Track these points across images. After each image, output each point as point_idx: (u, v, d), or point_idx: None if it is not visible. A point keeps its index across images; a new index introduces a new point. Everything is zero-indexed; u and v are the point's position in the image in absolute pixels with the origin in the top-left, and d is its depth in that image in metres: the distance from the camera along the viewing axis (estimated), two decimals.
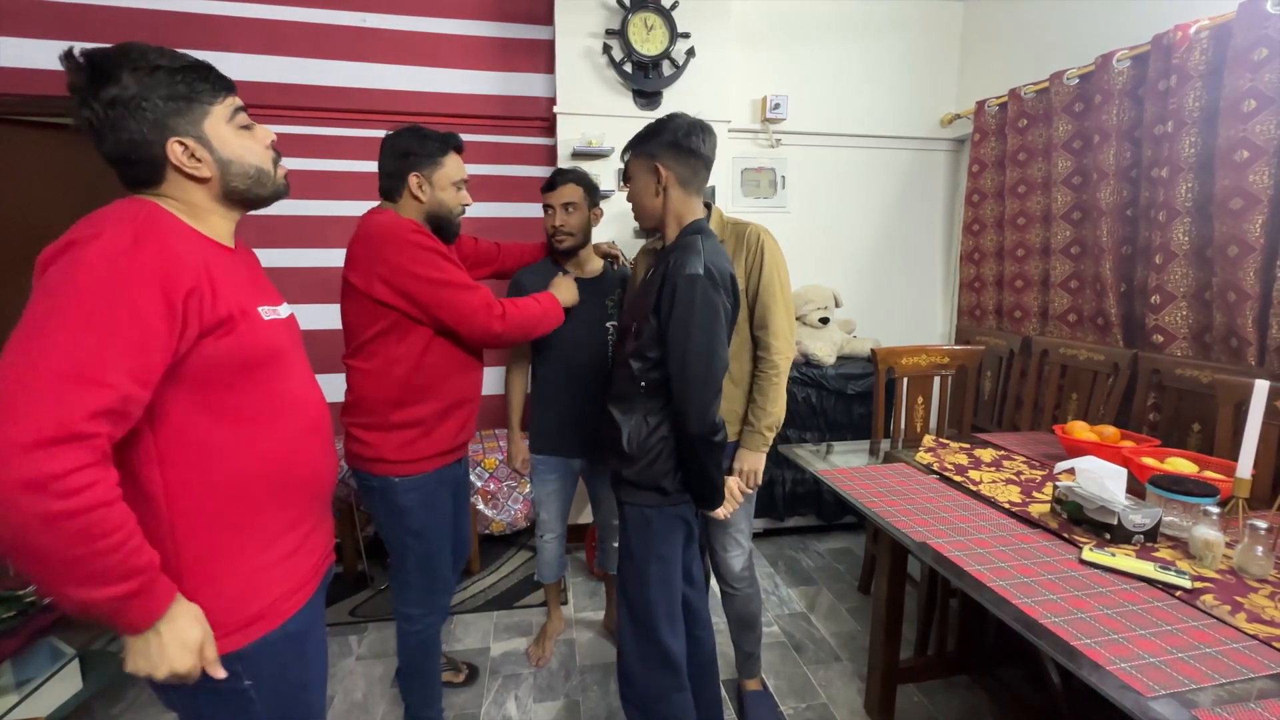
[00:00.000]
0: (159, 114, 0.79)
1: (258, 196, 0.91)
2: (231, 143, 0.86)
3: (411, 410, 1.46)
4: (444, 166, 1.49)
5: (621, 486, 1.39)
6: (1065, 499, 1.38)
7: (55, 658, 1.63)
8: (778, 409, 1.58)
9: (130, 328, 0.71)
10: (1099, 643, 0.97)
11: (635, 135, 1.41)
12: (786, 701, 1.88)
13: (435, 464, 1.52)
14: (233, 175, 0.87)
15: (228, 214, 0.91)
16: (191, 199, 0.85)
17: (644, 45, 2.56)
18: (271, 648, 0.87)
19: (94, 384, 0.67)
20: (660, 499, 1.35)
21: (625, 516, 1.41)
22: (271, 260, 2.72)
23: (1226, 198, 1.83)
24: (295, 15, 2.60)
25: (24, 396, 0.64)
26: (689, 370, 1.24)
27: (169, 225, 0.80)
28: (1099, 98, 2.24)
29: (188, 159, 0.82)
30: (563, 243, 1.77)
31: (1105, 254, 2.25)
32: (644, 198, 1.39)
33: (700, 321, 1.23)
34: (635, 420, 1.33)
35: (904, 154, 3.21)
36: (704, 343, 1.24)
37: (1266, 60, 1.73)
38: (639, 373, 1.32)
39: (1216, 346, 1.94)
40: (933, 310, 3.38)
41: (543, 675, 2.01)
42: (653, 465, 1.33)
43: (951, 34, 3.15)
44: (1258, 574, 1.15)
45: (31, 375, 0.65)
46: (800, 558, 2.79)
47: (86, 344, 0.68)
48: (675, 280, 1.24)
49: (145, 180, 0.83)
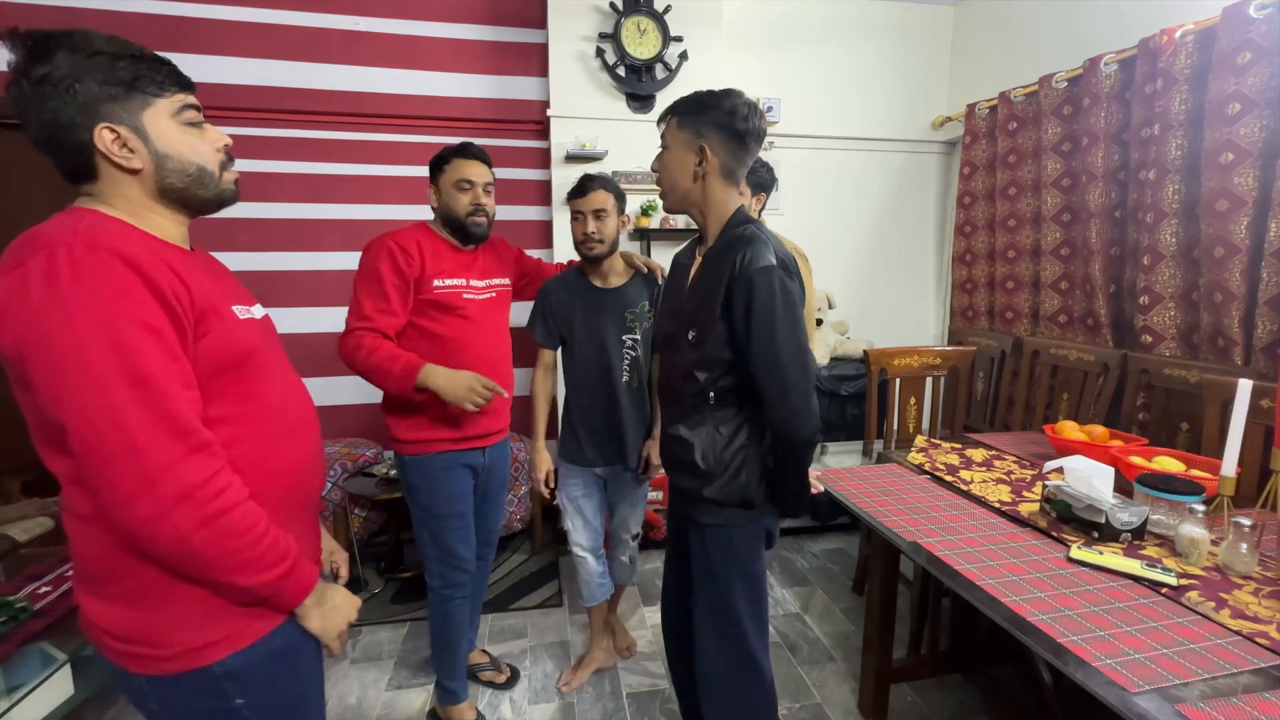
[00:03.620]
0: (90, 97, 0.74)
1: (198, 198, 0.84)
2: (171, 137, 0.80)
3: (418, 396, 1.56)
4: (446, 172, 1.60)
5: (699, 507, 1.26)
6: (1054, 498, 1.40)
7: (46, 663, 1.62)
8: None
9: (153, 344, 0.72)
10: (1086, 640, 0.98)
11: (682, 100, 1.23)
12: (781, 702, 1.88)
13: (441, 447, 1.63)
14: (168, 171, 0.80)
15: (172, 215, 0.84)
16: (128, 195, 0.80)
17: (637, 49, 2.57)
18: (259, 663, 0.84)
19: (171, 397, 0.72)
20: (745, 515, 1.24)
21: (704, 539, 1.27)
22: (265, 263, 2.72)
23: (1213, 199, 1.85)
24: (287, 19, 2.60)
25: (141, 431, 0.70)
26: (787, 370, 1.12)
27: (114, 231, 0.75)
28: (1087, 101, 2.26)
29: (118, 147, 0.77)
30: (593, 250, 1.72)
31: (1094, 255, 2.27)
32: (678, 174, 1.22)
33: (785, 315, 1.12)
34: (706, 433, 1.22)
35: (896, 156, 3.23)
36: (794, 336, 1.13)
37: (1250, 64, 1.75)
38: (707, 382, 1.20)
39: (1204, 346, 1.96)
40: (925, 312, 3.41)
41: (538, 677, 2.01)
42: (736, 478, 1.21)
43: (942, 37, 3.18)
44: (1242, 571, 1.16)
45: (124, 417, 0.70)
46: (794, 558, 2.80)
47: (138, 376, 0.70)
48: (749, 276, 1.12)
49: (77, 172, 0.78)
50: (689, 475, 1.25)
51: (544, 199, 2.91)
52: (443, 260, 1.61)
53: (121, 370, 0.70)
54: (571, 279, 1.82)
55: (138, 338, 0.71)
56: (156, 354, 0.72)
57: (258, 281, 2.67)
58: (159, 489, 0.70)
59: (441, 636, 1.73)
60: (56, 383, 0.69)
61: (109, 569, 0.78)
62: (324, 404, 2.78)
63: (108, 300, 0.70)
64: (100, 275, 0.70)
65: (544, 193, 2.90)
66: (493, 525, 1.88)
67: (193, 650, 0.79)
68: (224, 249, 2.63)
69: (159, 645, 0.79)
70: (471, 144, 1.64)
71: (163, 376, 0.72)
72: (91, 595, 0.80)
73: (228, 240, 2.64)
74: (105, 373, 0.69)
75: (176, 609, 0.79)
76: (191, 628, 0.79)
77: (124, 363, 0.70)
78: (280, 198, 2.69)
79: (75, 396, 0.69)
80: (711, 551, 1.26)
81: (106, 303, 0.70)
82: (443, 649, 1.74)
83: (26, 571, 1.79)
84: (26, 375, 0.70)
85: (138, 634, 0.79)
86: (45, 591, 1.70)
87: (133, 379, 0.70)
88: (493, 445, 1.75)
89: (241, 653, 0.82)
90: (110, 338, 0.70)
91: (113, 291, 0.71)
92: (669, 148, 1.23)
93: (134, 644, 0.79)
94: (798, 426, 1.14)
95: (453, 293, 1.61)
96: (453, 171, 1.59)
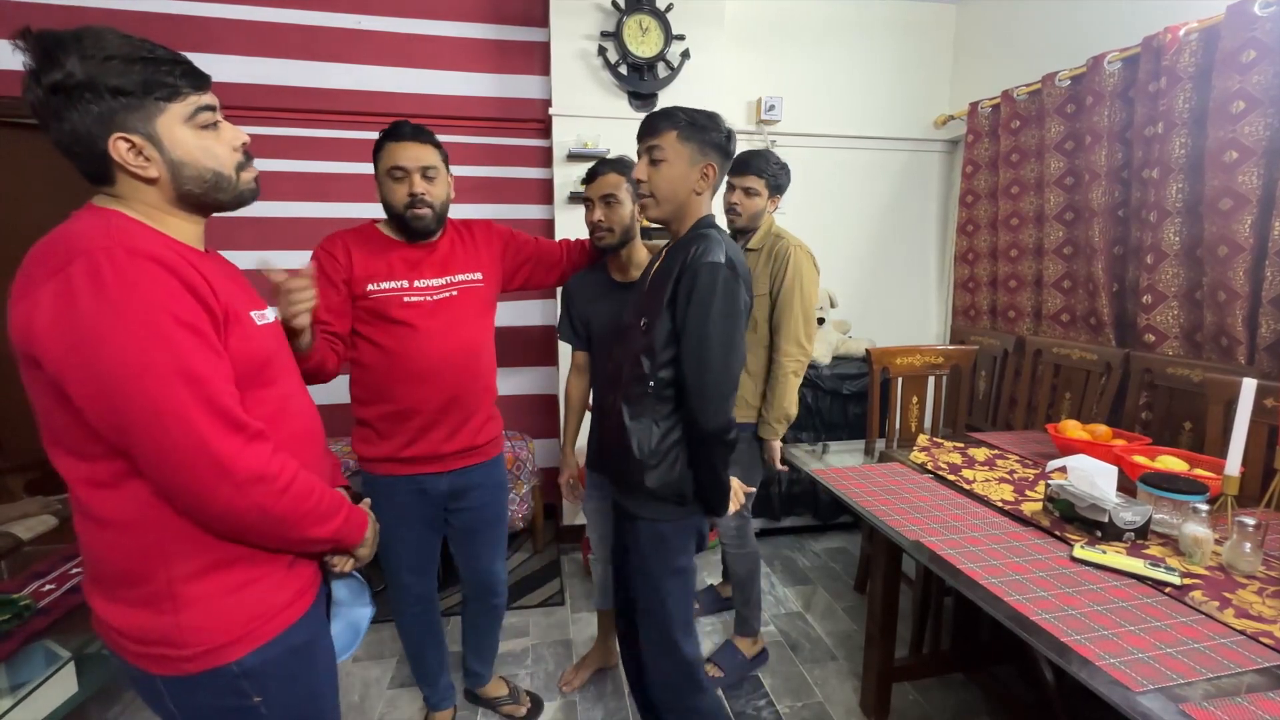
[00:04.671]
0: (104, 107, 0.73)
1: (216, 201, 0.84)
2: (187, 144, 0.79)
3: (363, 410, 1.50)
4: (380, 160, 1.42)
5: (633, 497, 1.28)
6: (1057, 497, 1.40)
7: (50, 661, 1.62)
8: (785, 403, 1.81)
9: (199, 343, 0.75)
10: (1089, 639, 0.98)
11: (681, 113, 1.23)
12: (783, 700, 1.89)
13: (383, 469, 1.48)
14: (185, 179, 0.80)
15: (189, 217, 0.84)
16: (146, 200, 0.79)
17: (639, 47, 2.57)
18: (276, 661, 0.85)
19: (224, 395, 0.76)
20: (677, 510, 1.27)
21: (636, 533, 1.30)
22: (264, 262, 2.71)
23: (1216, 198, 1.85)
24: (289, 17, 2.60)
25: (208, 428, 0.74)
26: (706, 359, 1.15)
27: (142, 234, 0.76)
28: (1090, 99, 2.26)
29: (133, 157, 0.76)
30: (602, 239, 1.61)
31: (1097, 254, 2.27)
32: (678, 187, 1.23)
33: (721, 310, 1.15)
34: (645, 424, 1.24)
35: (898, 155, 3.23)
36: (724, 332, 1.16)
37: (1254, 62, 1.75)
38: (649, 371, 1.22)
39: (1207, 345, 1.95)
40: (927, 310, 3.40)
41: (539, 676, 2.02)
42: (671, 471, 1.24)
43: (944, 35, 3.17)
44: (1246, 570, 1.16)
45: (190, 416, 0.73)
46: (796, 557, 2.80)
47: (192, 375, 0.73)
48: (695, 268, 1.16)
49: (95, 175, 0.78)
50: (623, 464, 1.27)
51: (546, 198, 2.91)
52: (376, 261, 1.42)
53: (180, 372, 0.72)
54: (593, 273, 1.72)
55: (187, 338, 0.73)
56: (204, 353, 0.75)
57: (257, 281, 2.67)
58: (235, 475, 0.75)
59: (404, 649, 1.73)
60: (116, 389, 0.70)
61: (129, 573, 0.79)
62: (325, 403, 2.78)
63: (156, 303, 0.72)
64: (144, 279, 0.71)
65: (546, 191, 2.90)
66: (488, 567, 1.68)
67: (213, 650, 0.80)
68: (224, 248, 2.63)
69: (180, 646, 0.79)
70: (404, 122, 1.40)
71: (213, 374, 0.75)
72: (109, 600, 0.81)
73: (229, 239, 2.63)
74: (166, 374, 0.71)
75: (198, 610, 0.80)
76: (212, 628, 0.80)
77: (180, 364, 0.72)
78: (281, 196, 2.68)
79: (139, 400, 0.70)
80: (645, 548, 1.29)
81: (155, 306, 0.71)
82: (408, 656, 1.73)
83: (30, 569, 1.79)
84: (74, 382, 0.70)
85: (157, 636, 0.79)
86: (49, 589, 1.70)
87: (189, 378, 0.73)
88: (461, 470, 1.53)
89: (260, 650, 0.83)
90: (164, 340, 0.71)
91: (158, 294, 0.72)
92: (669, 161, 1.23)
93: (154, 645, 0.79)
94: (707, 418, 1.18)
95: (389, 297, 1.41)
96: (385, 158, 1.39)
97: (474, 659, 1.82)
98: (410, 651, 1.72)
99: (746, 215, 1.84)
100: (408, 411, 1.46)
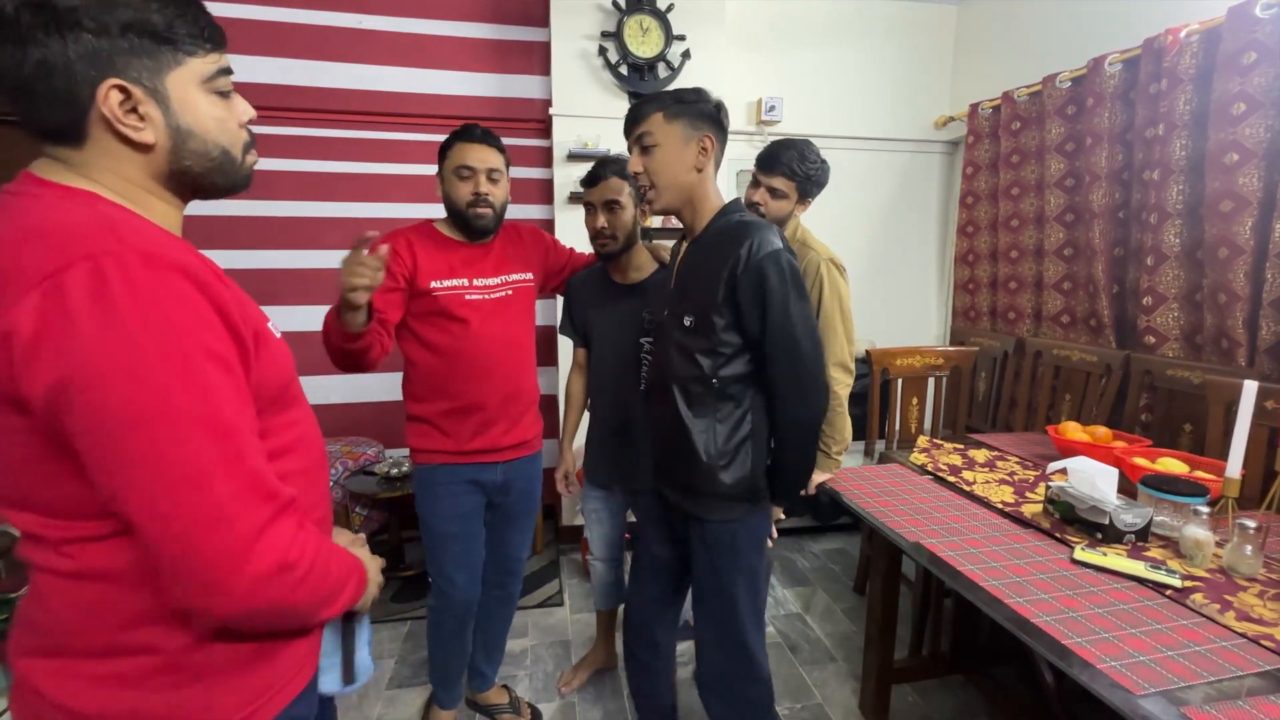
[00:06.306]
0: (105, 44, 0.56)
1: (212, 185, 0.68)
2: (199, 109, 0.63)
3: (420, 407, 1.52)
4: (447, 158, 1.46)
5: (699, 500, 1.23)
6: (1057, 499, 1.39)
7: None
8: (845, 434, 1.66)
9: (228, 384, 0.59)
10: (1090, 641, 0.98)
11: (663, 94, 1.19)
12: (782, 702, 1.88)
13: (443, 459, 1.52)
14: (188, 152, 0.63)
15: (173, 201, 0.67)
16: (123, 173, 0.61)
17: (639, 47, 2.57)
18: None
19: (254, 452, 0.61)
20: (748, 509, 1.23)
21: (704, 535, 1.24)
22: (267, 262, 2.71)
23: (1217, 200, 1.84)
24: (291, 17, 2.60)
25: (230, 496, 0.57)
26: (798, 353, 1.14)
27: (148, 232, 0.60)
28: (1091, 100, 2.26)
29: (124, 113, 0.59)
30: (605, 246, 1.59)
31: (1098, 256, 2.27)
32: (677, 169, 1.18)
33: (796, 298, 1.14)
34: (707, 424, 1.20)
35: (898, 156, 3.23)
36: (805, 318, 1.15)
37: (1255, 64, 1.75)
38: (709, 370, 1.17)
39: (1208, 347, 1.95)
40: (927, 312, 3.40)
41: (538, 677, 2.01)
42: (741, 469, 1.20)
43: (945, 36, 3.17)
44: (1247, 573, 1.16)
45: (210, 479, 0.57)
46: (796, 558, 2.79)
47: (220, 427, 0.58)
48: (758, 264, 1.11)
49: (55, 131, 0.59)
50: (688, 467, 1.22)
51: (546, 198, 2.91)
52: (437, 259, 1.46)
53: (203, 420, 0.56)
54: (593, 273, 1.71)
55: (215, 377, 0.58)
56: (232, 396, 0.59)
57: (260, 280, 2.67)
58: (252, 566, 0.58)
59: (431, 648, 1.70)
60: (117, 436, 0.54)
61: (123, 643, 0.61)
62: (325, 403, 2.78)
63: (181, 330, 0.56)
64: (165, 297, 0.55)
65: (546, 191, 2.90)
66: (515, 553, 1.73)
67: None
68: (225, 247, 2.64)
69: None
70: (475, 125, 1.47)
71: (242, 424, 0.60)
72: (81, 678, 0.61)
73: (228, 238, 2.64)
74: (187, 424, 0.55)
75: (206, 684, 0.64)
76: (223, 704, 0.65)
77: (205, 411, 0.56)
78: (282, 195, 2.68)
79: (147, 454, 0.54)
80: (714, 550, 1.25)
81: (180, 334, 0.56)
82: (433, 659, 1.71)
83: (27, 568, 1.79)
84: (66, 426, 0.54)
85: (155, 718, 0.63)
86: None
87: (215, 430, 0.57)
88: (512, 461, 1.60)
89: None
90: (190, 378, 0.56)
91: (184, 317, 0.56)
92: (661, 144, 1.18)
93: None
94: (811, 406, 1.17)
95: (451, 295, 1.46)
96: (453, 157, 1.44)
97: (482, 657, 1.80)
98: (438, 654, 1.69)
99: (770, 217, 1.67)
100: (471, 407, 1.51)
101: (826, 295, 1.62)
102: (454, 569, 1.59)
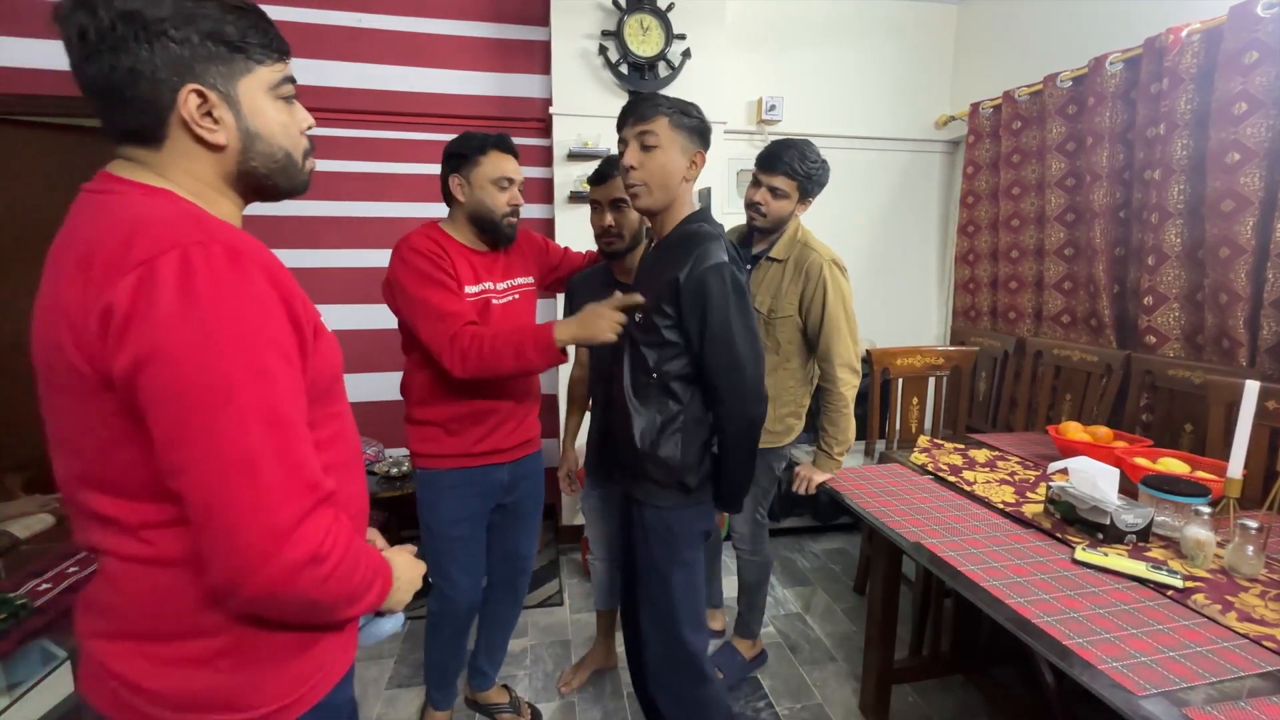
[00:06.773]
0: (188, 51, 0.61)
1: (274, 186, 0.73)
2: (266, 114, 0.69)
3: (429, 411, 1.50)
4: (481, 165, 1.42)
5: (638, 484, 1.31)
6: (1058, 499, 1.39)
7: (47, 660, 1.61)
8: (849, 434, 1.69)
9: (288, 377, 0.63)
10: (1091, 642, 0.98)
11: (670, 100, 1.24)
12: (782, 702, 1.88)
13: (451, 463, 1.51)
14: (255, 153, 0.69)
15: (238, 201, 0.72)
16: (196, 173, 0.66)
17: (640, 47, 2.56)
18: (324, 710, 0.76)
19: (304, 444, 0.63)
20: (681, 498, 1.28)
21: (643, 520, 1.31)
22: None
23: (1218, 200, 1.84)
24: (290, 15, 2.59)
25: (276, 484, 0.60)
26: (738, 359, 1.20)
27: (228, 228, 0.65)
28: (1092, 100, 2.25)
29: (201, 115, 0.64)
30: (611, 245, 1.57)
31: (1098, 255, 2.27)
32: (671, 174, 1.23)
33: (737, 308, 1.19)
34: (649, 414, 1.26)
35: (899, 156, 3.22)
36: (745, 328, 1.21)
37: (1257, 64, 1.74)
38: (654, 364, 1.24)
39: (1208, 347, 1.95)
40: (928, 311, 3.40)
41: (538, 677, 2.01)
42: (671, 459, 1.26)
43: (946, 36, 3.17)
44: (1248, 573, 1.16)
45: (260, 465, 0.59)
46: (796, 558, 2.79)
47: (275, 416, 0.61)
48: (700, 275, 1.17)
49: (138, 132, 0.64)
50: (628, 452, 1.30)
51: (546, 197, 2.90)
52: (463, 265, 1.44)
53: (261, 410, 0.59)
54: (596, 273, 1.71)
55: (278, 370, 0.61)
56: (289, 387, 0.63)
57: None
58: (288, 552, 0.60)
59: (428, 650, 1.69)
60: (181, 413, 0.57)
61: (196, 625, 0.65)
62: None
63: (252, 321, 0.60)
64: (244, 289, 0.60)
65: (546, 191, 2.89)
66: (524, 551, 1.73)
67: (272, 714, 0.69)
68: None
69: (240, 710, 0.67)
70: (507, 136, 1.47)
71: (295, 415, 0.63)
72: (148, 659, 0.65)
73: None
74: (246, 410, 0.58)
75: (263, 667, 0.68)
76: (277, 688, 0.69)
77: (265, 401, 0.60)
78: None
79: (205, 433, 0.57)
80: (651, 535, 1.31)
81: (251, 324, 0.60)
82: (430, 660, 1.71)
83: (27, 569, 1.78)
84: (140, 401, 0.58)
85: (206, 699, 0.66)
86: (46, 589, 1.69)
87: (271, 419, 0.60)
88: (519, 460, 1.61)
89: (311, 712, 0.73)
90: (254, 368, 0.59)
91: (257, 311, 0.60)
92: (663, 147, 1.22)
93: (206, 712, 0.66)
94: (748, 410, 1.23)
95: (481, 300, 1.45)
96: (491, 166, 1.42)
97: (484, 657, 1.80)
98: (435, 657, 1.69)
99: (771, 217, 1.68)
100: (487, 410, 1.51)
101: (831, 298, 1.63)
102: (459, 573, 1.59)
